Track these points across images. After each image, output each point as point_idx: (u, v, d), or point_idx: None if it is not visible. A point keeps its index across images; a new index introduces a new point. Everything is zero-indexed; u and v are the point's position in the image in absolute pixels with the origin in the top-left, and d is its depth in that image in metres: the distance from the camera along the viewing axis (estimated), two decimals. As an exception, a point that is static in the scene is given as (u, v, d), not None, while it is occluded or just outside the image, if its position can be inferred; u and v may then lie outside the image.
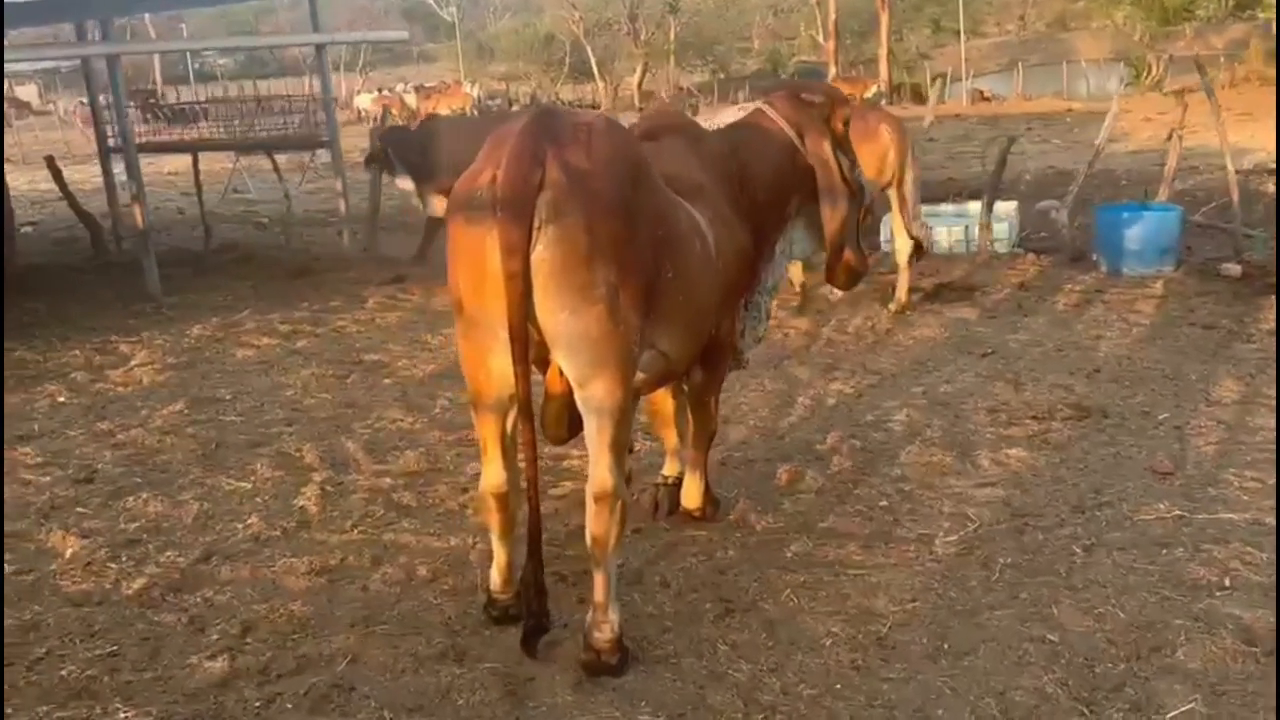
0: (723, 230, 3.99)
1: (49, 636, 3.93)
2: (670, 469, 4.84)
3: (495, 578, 3.90)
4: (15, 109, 42.48)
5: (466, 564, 4.39)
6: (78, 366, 7.64)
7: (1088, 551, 4.24)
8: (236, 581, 4.32)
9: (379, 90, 42.31)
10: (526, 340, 3.32)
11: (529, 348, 3.35)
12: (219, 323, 8.84)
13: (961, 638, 3.68)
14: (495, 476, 3.70)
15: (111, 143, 13.23)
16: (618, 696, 3.44)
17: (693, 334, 3.87)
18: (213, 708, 3.46)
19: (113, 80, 10.18)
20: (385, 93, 40.40)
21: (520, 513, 3.78)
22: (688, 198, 3.84)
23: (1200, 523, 4.45)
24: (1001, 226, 10.27)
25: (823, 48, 41.37)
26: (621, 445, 3.51)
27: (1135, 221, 8.94)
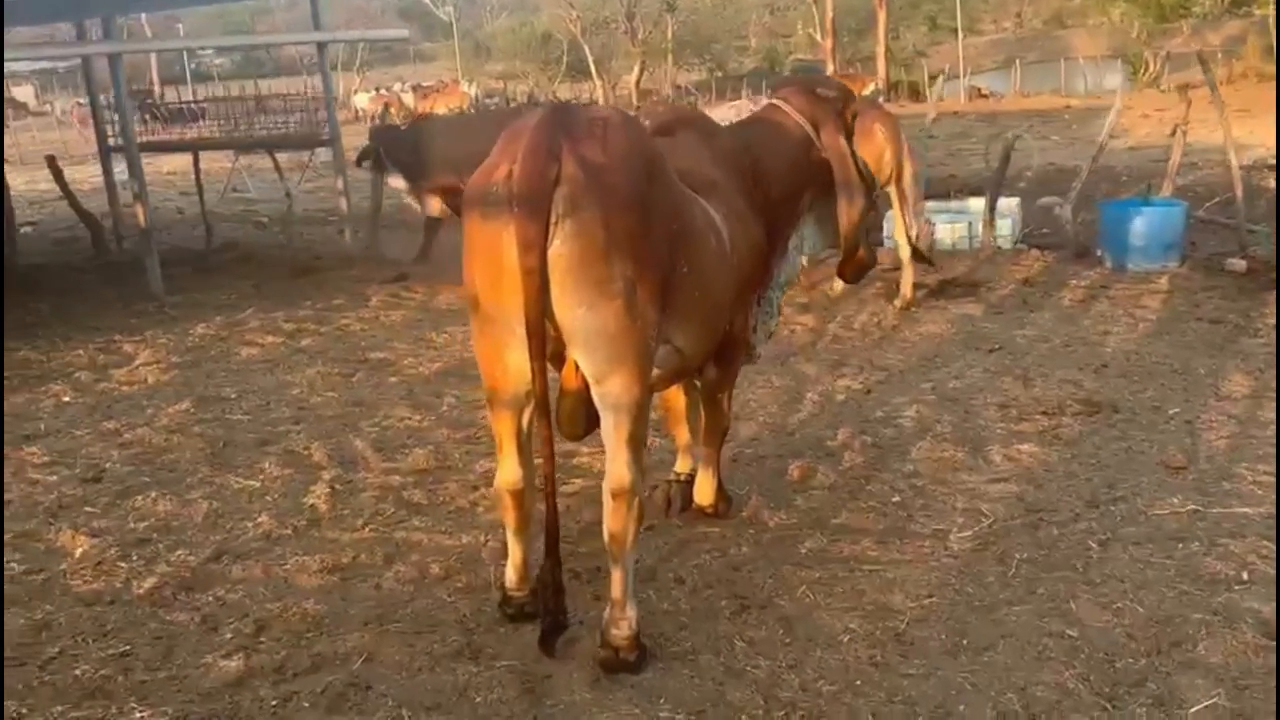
0: (737, 226, 3.97)
1: (61, 636, 3.91)
2: (682, 466, 4.82)
3: (511, 575, 3.88)
4: (12, 110, 42.41)
5: (479, 561, 4.37)
6: (82, 366, 7.62)
7: (1103, 546, 4.23)
8: (248, 580, 4.30)
9: (376, 89, 42.28)
10: (544, 336, 3.30)
11: (546, 343, 3.34)
12: (222, 321, 8.82)
13: (980, 633, 3.67)
14: (511, 473, 3.68)
15: (112, 142, 13.20)
16: (636, 694, 3.42)
17: (708, 329, 3.85)
18: (229, 707, 3.44)
19: (115, 79, 10.15)
20: (383, 92, 40.38)
21: (536, 509, 3.77)
22: (702, 193, 3.82)
23: (1215, 517, 4.44)
24: (1004, 223, 10.27)
25: (820, 46, 41.34)
26: (639, 441, 3.49)
27: (1140, 217, 8.94)
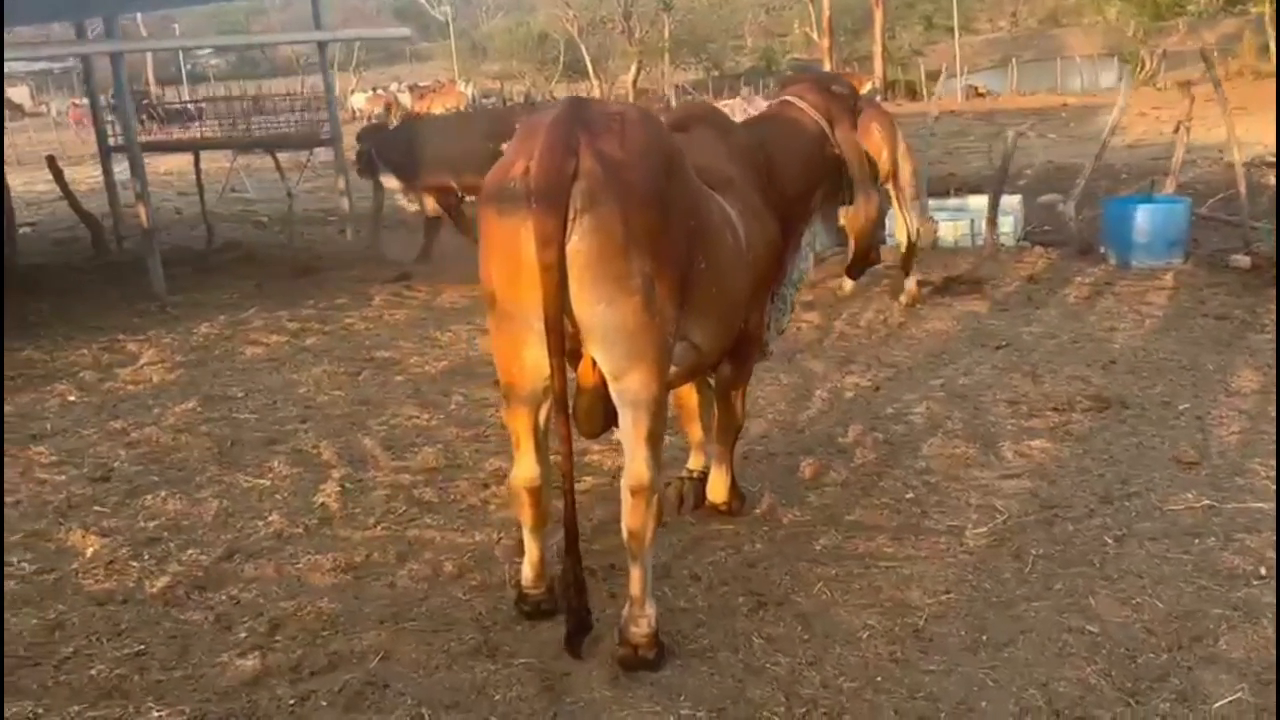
0: (753, 222, 3.96)
1: (75, 636, 3.89)
2: (695, 463, 4.80)
3: (527, 572, 3.86)
4: (8, 111, 42.26)
5: (493, 559, 4.36)
6: (86, 365, 7.59)
7: (1119, 542, 4.22)
8: (261, 579, 4.28)
9: (373, 89, 42.27)
10: (562, 332, 3.28)
11: (565, 340, 3.32)
12: (226, 321, 8.80)
13: (999, 629, 3.65)
14: (528, 470, 3.66)
15: (113, 142, 13.16)
16: (656, 691, 3.41)
17: (725, 326, 3.84)
18: (246, 706, 3.42)
19: (116, 78, 10.12)
20: (379, 92, 40.36)
21: (552, 507, 3.75)
22: (718, 189, 3.81)
23: (1230, 512, 4.43)
24: (1006, 220, 10.26)
25: (817, 45, 41.33)
26: (658, 438, 3.48)
27: (1144, 214, 8.93)
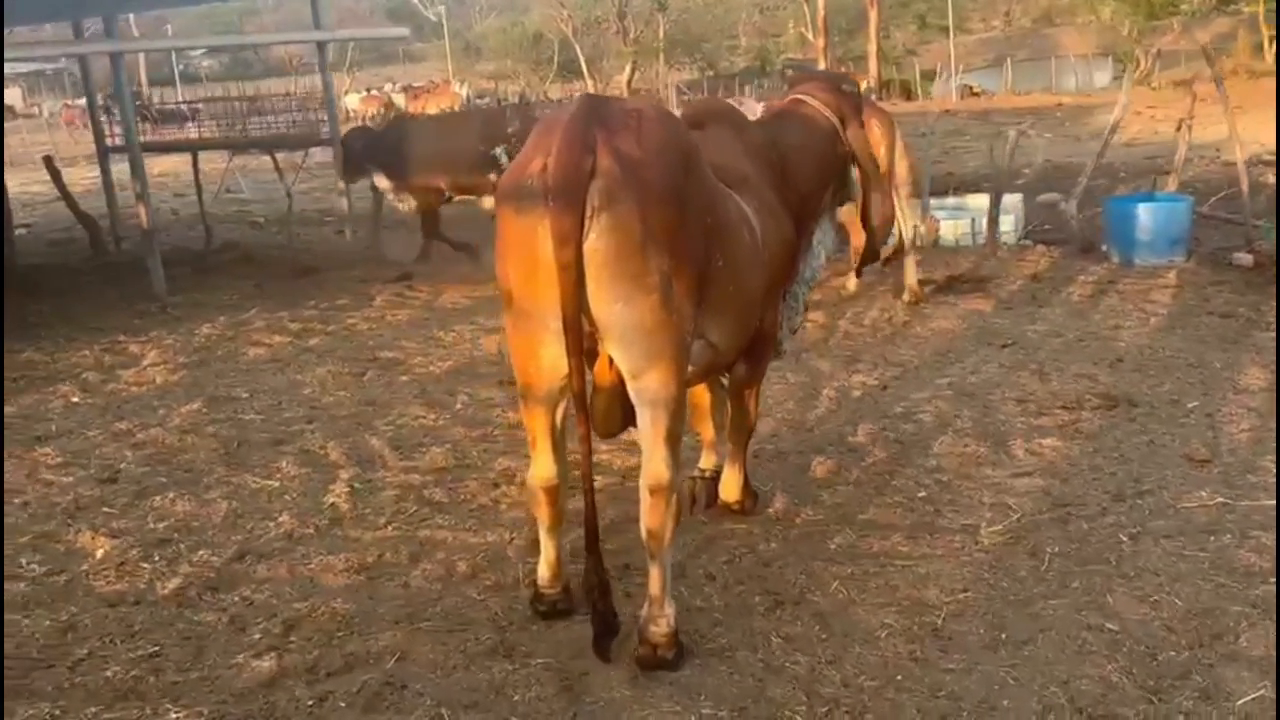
0: (769, 220, 3.95)
1: (88, 637, 3.86)
2: (707, 462, 4.79)
3: (544, 572, 3.84)
4: (0, 111, 42.10)
5: (506, 559, 4.34)
6: (88, 367, 7.55)
7: (1134, 540, 4.22)
8: (274, 580, 4.26)
9: (367, 90, 42.19)
10: (580, 331, 3.27)
11: (583, 339, 3.31)
12: (227, 322, 8.76)
13: (1018, 627, 3.65)
14: (545, 469, 3.64)
15: (111, 142, 13.12)
16: (676, 690, 3.39)
17: (741, 325, 3.82)
18: (264, 707, 3.40)
19: (116, 78, 10.08)
20: (374, 92, 40.29)
21: (569, 506, 3.74)
22: (734, 187, 3.80)
23: (1244, 509, 4.43)
24: (1007, 219, 10.26)
25: (811, 44, 41.38)
26: (676, 437, 3.46)
27: (1146, 212, 8.94)
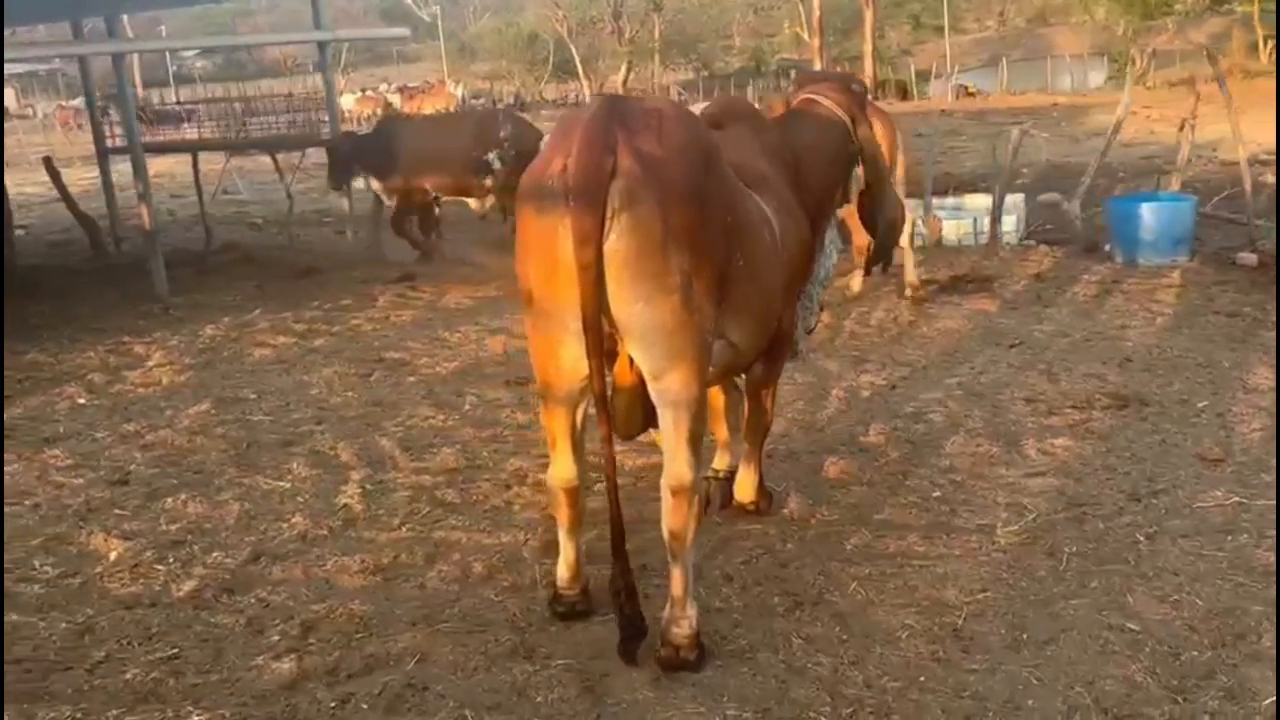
0: (788, 220, 3.94)
1: (106, 640, 3.84)
2: (720, 463, 4.78)
3: (563, 573, 3.83)
4: (-6, 113, 41.99)
5: (521, 560, 4.33)
6: (93, 368, 7.53)
7: (1151, 540, 4.22)
8: (289, 581, 4.25)
9: (362, 90, 42.11)
10: (600, 332, 3.26)
11: (603, 339, 3.30)
12: (231, 322, 8.74)
13: (1039, 628, 3.64)
14: (566, 470, 3.63)
15: (112, 143, 13.10)
16: (699, 692, 3.38)
17: (762, 324, 3.82)
18: (286, 709, 3.39)
19: (119, 79, 10.05)
20: (369, 93, 40.23)
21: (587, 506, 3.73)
22: (754, 187, 3.79)
23: (1259, 509, 4.43)
24: (1009, 219, 10.27)
25: (807, 45, 41.41)
26: (698, 437, 3.46)
27: (1150, 212, 8.95)
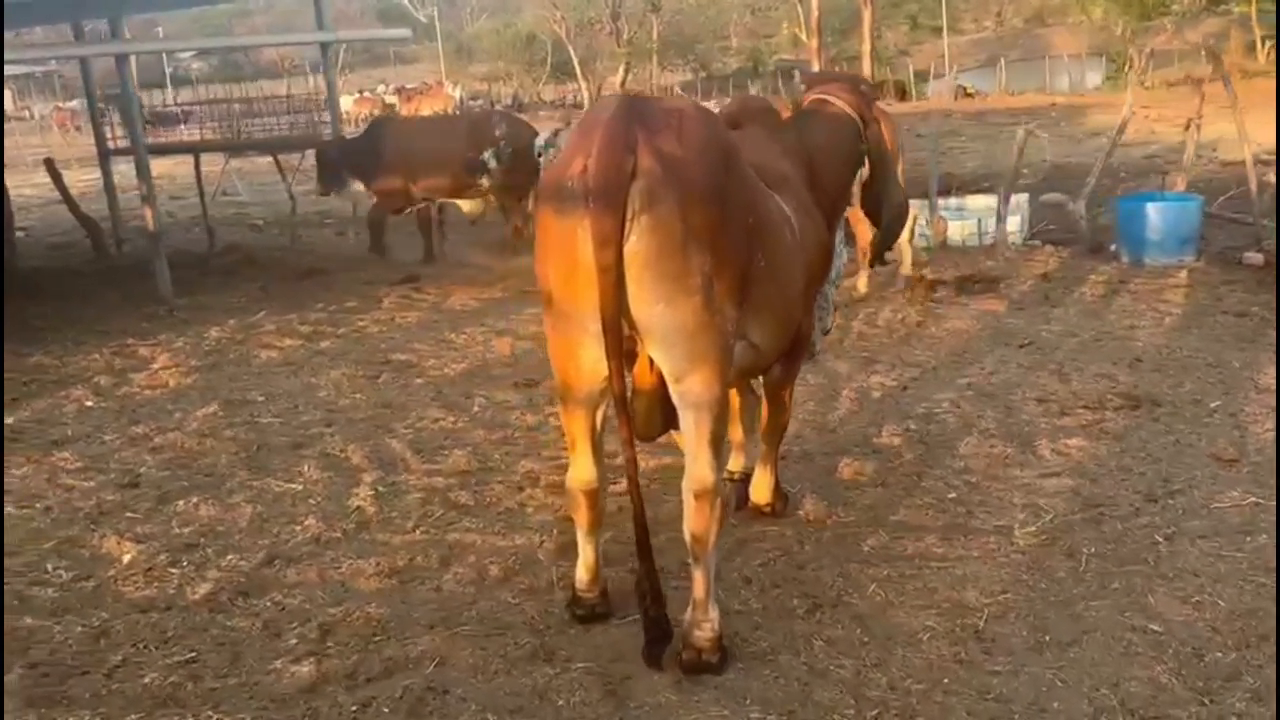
0: (806, 220, 3.93)
1: (121, 644, 3.82)
2: (736, 464, 4.76)
3: (582, 575, 3.82)
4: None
5: (537, 563, 4.31)
6: (99, 370, 7.50)
7: (1170, 540, 4.20)
8: (305, 584, 4.23)
9: (360, 92, 42.05)
10: (620, 334, 3.24)
11: (623, 341, 3.28)
12: (236, 324, 8.72)
13: (1061, 629, 3.63)
14: (586, 472, 3.62)
15: (114, 145, 13.06)
16: (721, 694, 3.37)
17: (783, 325, 3.80)
18: (306, 713, 3.37)
19: (122, 80, 10.02)
20: (366, 94, 40.18)
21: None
22: (774, 187, 3.77)
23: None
24: (1013, 219, 10.26)
25: (805, 45, 41.36)
26: (720, 439, 3.44)
27: (1157, 212, 8.94)
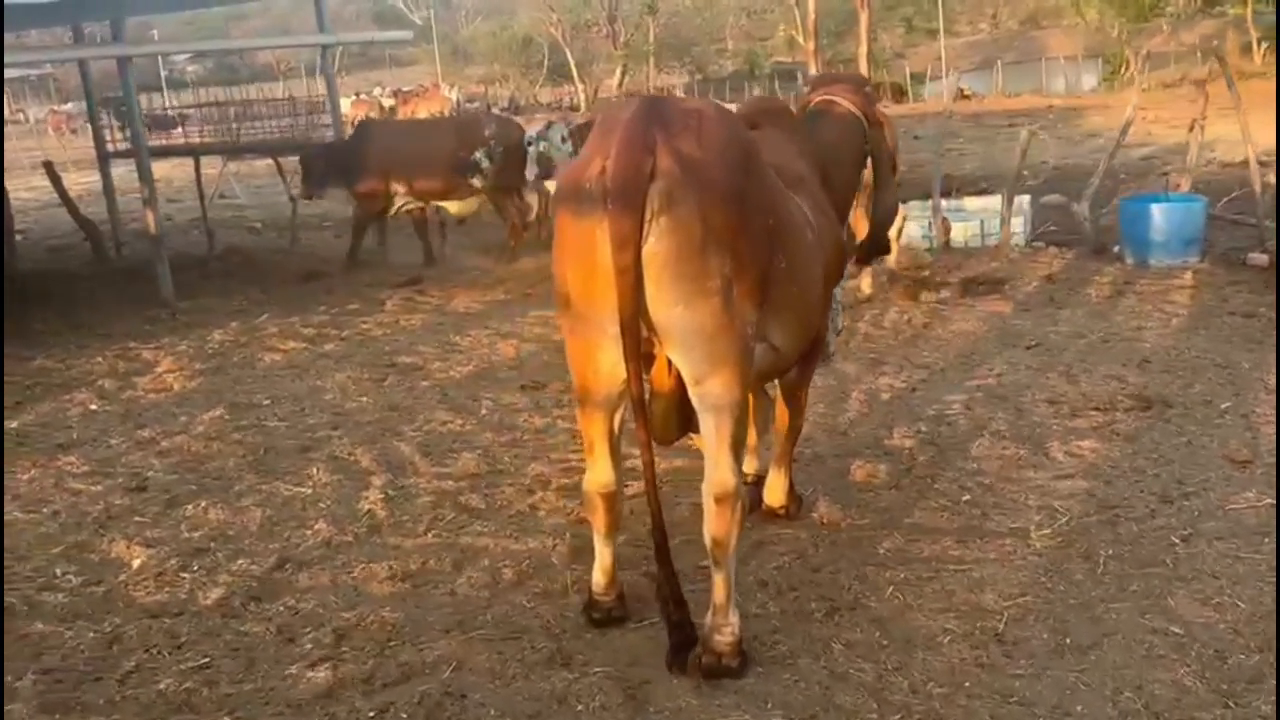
0: (823, 220, 3.92)
1: (134, 650, 3.79)
2: (748, 467, 4.74)
3: (598, 579, 3.79)
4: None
5: (551, 566, 4.29)
6: (102, 374, 7.47)
7: (1186, 542, 4.19)
8: (317, 589, 4.20)
9: (356, 94, 41.95)
10: (639, 336, 3.22)
11: (641, 344, 3.26)
12: (239, 327, 8.69)
13: (1082, 632, 3.61)
14: (603, 475, 3.60)
15: (113, 147, 13.02)
16: (742, 699, 3.34)
17: (804, 326, 3.79)
18: (324, 719, 3.34)
19: (124, 83, 9.97)
20: (363, 96, 40.10)
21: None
22: (792, 188, 3.75)
23: (1293, 511, 4.40)
24: (1016, 221, 10.25)
25: (802, 48, 41.38)
26: (741, 443, 3.43)
27: (1161, 213, 8.93)
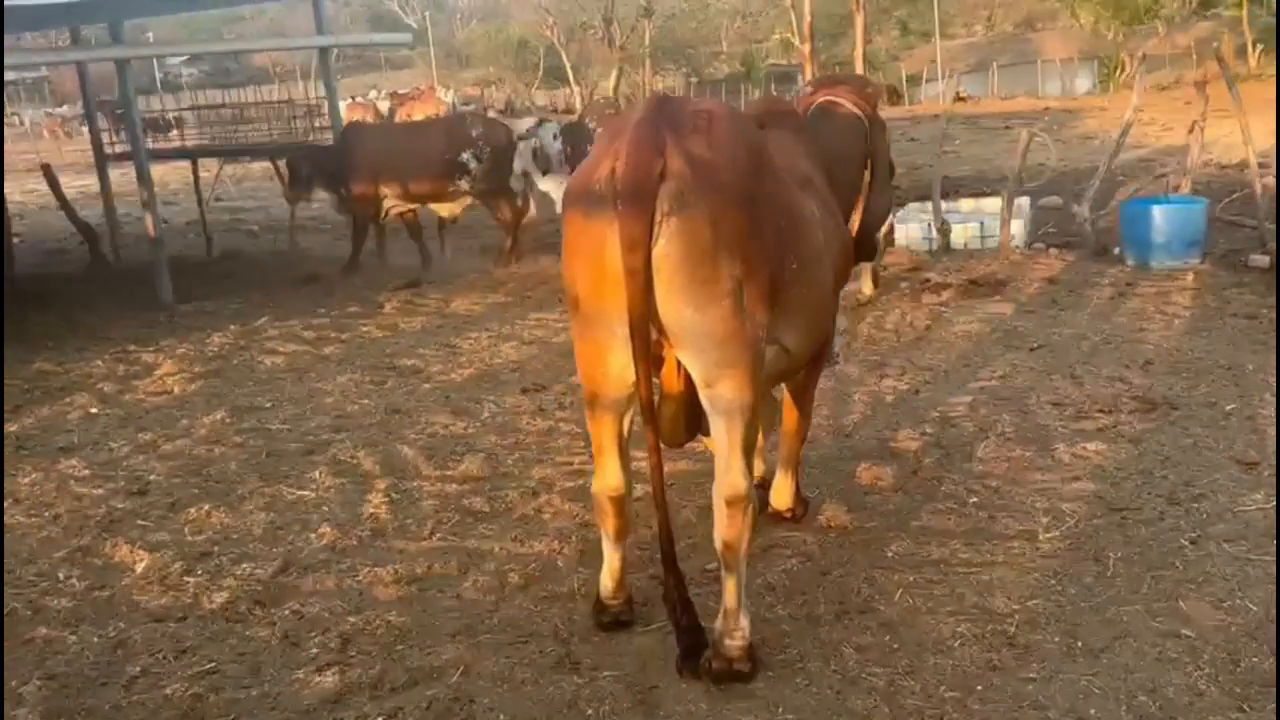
0: (830, 221, 3.90)
1: (139, 654, 3.77)
2: (755, 470, 4.71)
3: (607, 583, 3.77)
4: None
5: (557, 569, 4.27)
6: (102, 377, 7.44)
7: (1195, 544, 4.17)
8: (322, 593, 4.18)
9: (352, 97, 41.89)
10: (648, 338, 3.21)
11: (650, 346, 3.24)
12: (239, 330, 8.66)
13: (1094, 634, 3.59)
14: (612, 478, 3.57)
15: (113, 150, 12.99)
16: (754, 704, 3.32)
17: (815, 328, 3.77)
18: (333, 725, 3.33)
19: (123, 86, 9.94)
20: (358, 99, 40.03)
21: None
22: (801, 189, 3.74)
23: (1303, 513, 4.39)
24: (1016, 222, 10.24)
25: (798, 51, 41.40)
26: (752, 446, 3.41)
27: (1162, 215, 8.92)
